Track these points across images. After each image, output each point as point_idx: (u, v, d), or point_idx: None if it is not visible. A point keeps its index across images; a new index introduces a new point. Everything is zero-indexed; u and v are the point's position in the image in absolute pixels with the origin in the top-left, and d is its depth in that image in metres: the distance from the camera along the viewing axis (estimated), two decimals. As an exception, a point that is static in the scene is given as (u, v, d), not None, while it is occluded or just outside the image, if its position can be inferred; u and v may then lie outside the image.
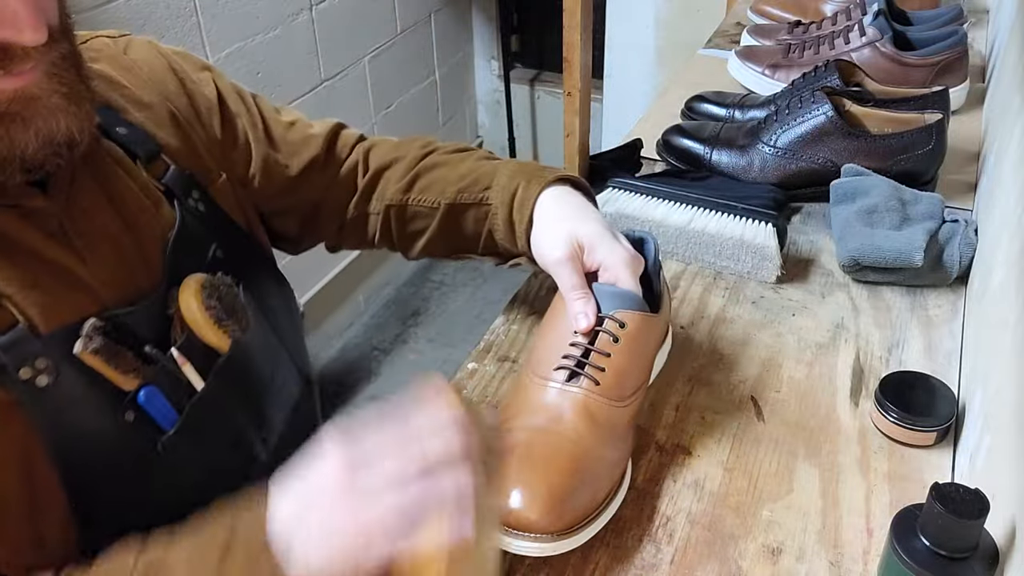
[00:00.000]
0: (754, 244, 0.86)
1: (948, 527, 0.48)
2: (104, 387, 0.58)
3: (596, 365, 0.64)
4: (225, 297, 0.66)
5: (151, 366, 0.61)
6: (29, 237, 0.57)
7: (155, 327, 0.63)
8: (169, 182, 0.67)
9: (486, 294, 2.53)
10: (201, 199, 0.69)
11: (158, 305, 0.63)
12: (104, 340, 0.57)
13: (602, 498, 0.61)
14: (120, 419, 0.59)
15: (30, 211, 0.57)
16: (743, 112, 1.11)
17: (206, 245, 0.68)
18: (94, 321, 0.57)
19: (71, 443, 0.57)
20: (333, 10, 2.04)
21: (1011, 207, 0.75)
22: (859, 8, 1.23)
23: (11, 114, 0.51)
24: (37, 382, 0.54)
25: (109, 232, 0.62)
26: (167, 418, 0.62)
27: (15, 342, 0.54)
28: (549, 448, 0.60)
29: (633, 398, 0.66)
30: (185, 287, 0.63)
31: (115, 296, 0.60)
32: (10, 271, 0.55)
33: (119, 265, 0.62)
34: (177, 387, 0.63)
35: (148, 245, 0.64)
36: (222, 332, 0.65)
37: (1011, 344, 0.60)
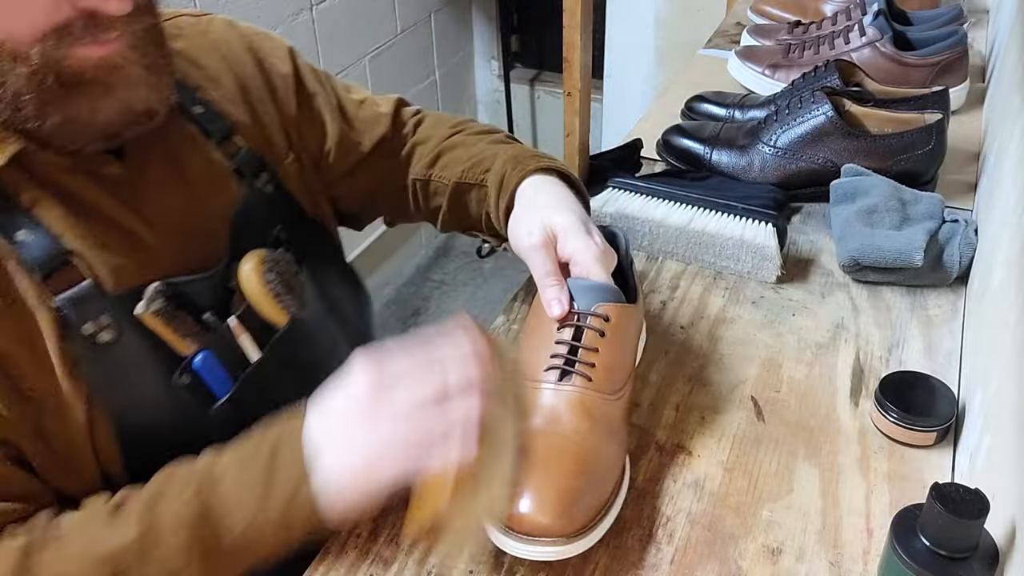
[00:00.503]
0: (754, 244, 0.86)
1: (948, 527, 0.48)
2: (162, 350, 0.61)
3: (586, 361, 0.64)
4: (284, 273, 0.68)
5: (209, 333, 0.63)
6: (103, 201, 0.60)
7: (215, 297, 0.65)
8: (239, 162, 0.69)
9: (486, 294, 2.53)
10: (269, 181, 0.72)
11: (219, 277, 0.66)
12: (165, 303, 0.60)
13: (608, 495, 0.61)
14: (175, 382, 0.62)
15: (105, 177, 0.60)
16: (743, 112, 1.11)
17: (270, 226, 0.71)
18: (157, 285, 0.60)
19: (126, 401, 0.60)
20: (333, 10, 2.04)
21: (1011, 207, 0.75)
22: (859, 8, 1.23)
23: (95, 81, 0.54)
24: (99, 338, 0.57)
25: (177, 205, 0.65)
26: (221, 385, 0.64)
27: (82, 298, 0.57)
28: (552, 450, 0.60)
29: (624, 390, 0.66)
30: (246, 260, 0.66)
31: (178, 265, 0.63)
32: (83, 231, 0.58)
33: (184, 237, 0.64)
34: (232, 356, 0.65)
35: (213, 221, 0.67)
36: (279, 307, 0.67)
37: (1011, 344, 0.60)
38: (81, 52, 0.52)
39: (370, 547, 0.62)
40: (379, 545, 0.62)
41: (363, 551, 0.62)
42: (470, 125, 0.86)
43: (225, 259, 0.66)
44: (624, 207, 0.93)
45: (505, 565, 0.60)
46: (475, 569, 0.60)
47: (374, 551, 0.62)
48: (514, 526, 0.57)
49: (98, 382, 0.58)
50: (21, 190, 0.57)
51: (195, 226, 0.66)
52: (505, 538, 0.57)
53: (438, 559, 0.61)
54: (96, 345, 0.57)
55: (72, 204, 0.58)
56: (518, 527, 0.57)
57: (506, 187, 0.74)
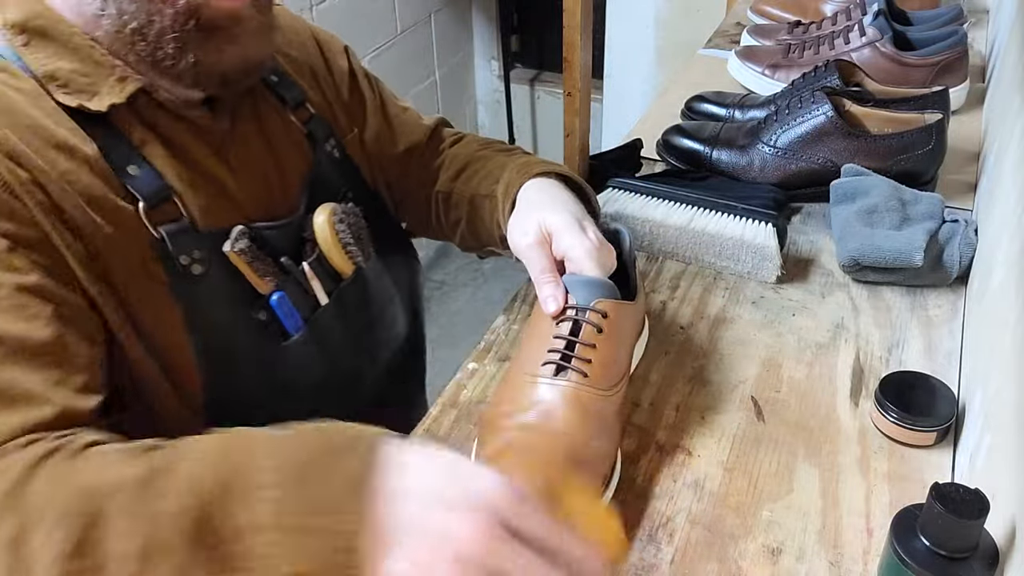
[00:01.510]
0: (754, 244, 0.86)
1: (948, 527, 0.48)
2: (244, 286, 0.67)
3: (583, 357, 0.64)
4: (353, 225, 0.74)
5: (285, 275, 0.69)
6: (198, 148, 0.66)
7: (291, 244, 0.71)
8: (311, 127, 0.76)
9: (486, 294, 2.53)
10: (336, 147, 0.79)
11: (295, 226, 0.72)
12: (249, 243, 0.66)
13: (596, 490, 0.61)
14: (254, 316, 0.68)
15: (200, 126, 0.66)
16: (743, 112, 1.11)
17: (338, 187, 0.77)
18: (241, 227, 0.66)
19: (211, 329, 0.65)
20: (333, 10, 2.04)
21: (1011, 207, 0.75)
22: (859, 8, 1.23)
23: (225, 29, 0.61)
24: (192, 269, 0.63)
25: (259, 160, 0.71)
26: (293, 324, 0.70)
27: (180, 231, 0.63)
28: (544, 443, 0.61)
29: (619, 386, 0.67)
30: (320, 211, 0.72)
31: (259, 212, 0.69)
32: (181, 173, 0.64)
33: (264, 189, 0.71)
34: (304, 298, 0.71)
35: (289, 177, 0.73)
36: (347, 257, 0.73)
37: (1011, 344, 0.60)
38: (217, 2, 0.59)
39: (370, 547, 0.62)
40: (379, 545, 0.62)
41: (363, 551, 0.62)
42: (496, 143, 0.89)
43: (300, 211, 0.72)
44: (624, 207, 0.93)
45: (505, 565, 0.60)
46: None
47: (374, 551, 0.62)
48: None
49: (188, 308, 0.63)
50: (132, 129, 0.62)
51: (274, 179, 0.72)
52: None
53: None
54: (189, 275, 0.63)
55: (173, 147, 0.64)
56: None
57: (508, 193, 0.76)
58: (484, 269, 2.64)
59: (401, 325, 0.85)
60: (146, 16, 0.59)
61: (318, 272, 0.72)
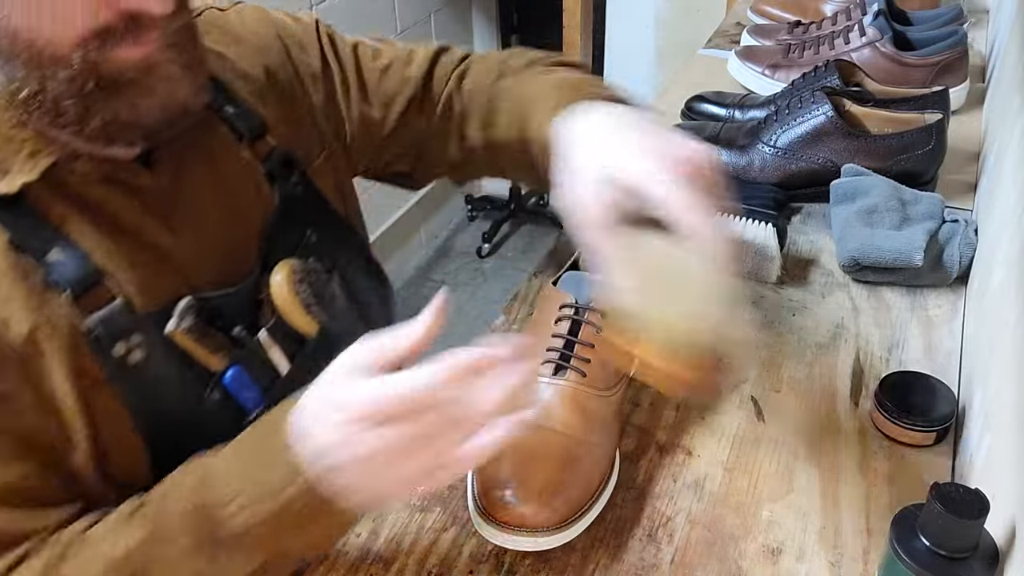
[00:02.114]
0: (754, 244, 0.86)
1: (948, 527, 0.48)
2: (192, 366, 0.60)
3: (581, 357, 0.65)
4: (315, 283, 0.67)
5: (239, 348, 0.62)
6: (132, 215, 0.59)
7: (245, 310, 0.64)
8: (271, 164, 0.68)
9: (486, 294, 2.53)
10: (300, 181, 0.70)
11: (250, 289, 0.64)
12: (195, 321, 0.59)
13: (594, 490, 0.62)
14: (206, 398, 0.61)
15: (136, 188, 0.59)
16: (743, 112, 1.11)
17: (302, 230, 0.70)
18: (188, 301, 0.59)
19: (157, 417, 0.59)
20: (333, 10, 2.04)
21: (1011, 207, 0.75)
22: (859, 8, 1.23)
23: (135, 81, 0.53)
24: (129, 358, 0.57)
25: (210, 213, 0.63)
26: (251, 400, 0.63)
27: (112, 317, 0.56)
28: (541, 443, 0.61)
29: (618, 387, 0.67)
30: (277, 271, 0.65)
31: (209, 278, 0.62)
32: (113, 247, 0.57)
33: (216, 247, 0.63)
34: (263, 369, 0.64)
35: (247, 228, 0.66)
36: (310, 317, 0.66)
37: (1011, 344, 0.60)
38: (121, 54, 0.52)
39: (370, 547, 0.62)
40: (379, 545, 0.62)
41: (363, 551, 0.62)
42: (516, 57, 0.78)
43: (256, 269, 0.65)
44: (624, 207, 0.93)
45: (505, 565, 0.60)
46: (475, 569, 0.60)
47: (374, 551, 0.62)
48: (498, 516, 0.58)
49: (131, 403, 0.57)
50: (51, 206, 0.55)
51: (227, 235, 0.64)
52: (488, 527, 0.58)
53: (438, 559, 0.61)
54: (126, 365, 0.57)
55: (102, 219, 0.57)
56: (502, 517, 0.58)
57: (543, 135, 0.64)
58: (484, 269, 2.64)
59: None
60: (37, 82, 0.51)
61: (277, 338, 0.65)
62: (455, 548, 0.62)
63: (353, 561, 0.61)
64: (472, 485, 0.62)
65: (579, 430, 0.62)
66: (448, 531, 0.63)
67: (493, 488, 0.59)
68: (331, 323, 0.67)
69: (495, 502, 0.58)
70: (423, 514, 0.64)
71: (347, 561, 0.61)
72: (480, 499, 0.60)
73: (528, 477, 0.59)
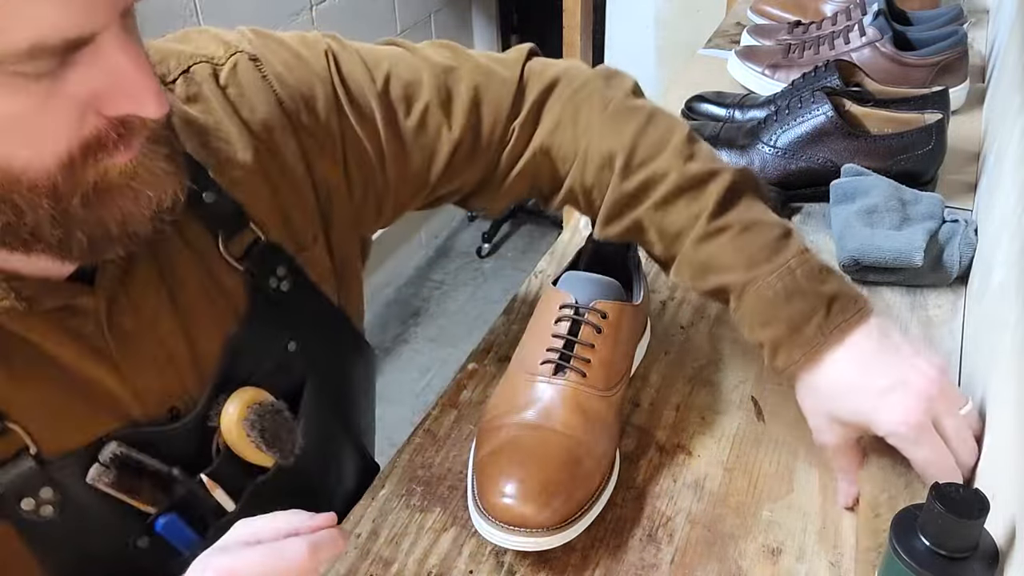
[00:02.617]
0: (754, 244, 0.86)
1: (948, 527, 0.48)
2: (120, 509, 0.54)
3: (581, 357, 0.65)
4: (269, 427, 0.58)
5: (176, 488, 0.56)
6: (57, 347, 0.51)
7: (192, 440, 0.57)
8: (252, 261, 0.59)
9: (486, 294, 2.53)
10: (287, 275, 0.61)
11: (198, 419, 0.57)
12: (118, 473, 0.52)
13: (593, 490, 0.61)
14: (132, 545, 0.55)
15: (74, 313, 0.51)
16: (743, 112, 1.11)
17: (280, 340, 0.61)
18: (114, 446, 0.52)
19: (75, 567, 0.54)
20: (333, 10, 2.04)
21: (1011, 207, 0.75)
22: (859, 8, 1.23)
23: (122, 187, 0.46)
24: (40, 512, 0.50)
25: (161, 333, 0.55)
26: (186, 542, 0.57)
27: (18, 472, 0.49)
28: (540, 442, 0.61)
29: (618, 387, 0.67)
30: (230, 404, 0.57)
31: (148, 410, 0.55)
32: (31, 391, 0.50)
33: (164, 373, 0.55)
34: (204, 508, 0.58)
35: (203, 343, 0.57)
36: (263, 455, 0.59)
37: (1011, 344, 0.60)
38: (109, 162, 0.45)
39: (370, 547, 0.62)
40: (379, 545, 0.62)
41: (363, 551, 0.62)
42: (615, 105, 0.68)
43: (208, 394, 0.57)
44: (624, 207, 0.93)
45: (505, 565, 0.60)
46: (475, 569, 0.60)
47: (374, 551, 0.62)
48: (497, 515, 0.58)
49: (42, 554, 0.52)
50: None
51: (178, 353, 0.56)
52: (488, 526, 0.58)
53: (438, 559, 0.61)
54: (37, 520, 0.50)
55: (16, 356, 0.49)
56: (501, 516, 0.58)
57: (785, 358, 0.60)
58: (484, 269, 2.64)
59: (351, 471, 0.74)
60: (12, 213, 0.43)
61: (222, 479, 0.57)
62: (455, 548, 0.62)
63: (353, 561, 0.61)
64: (472, 484, 0.62)
65: (579, 430, 0.62)
66: (448, 531, 0.63)
67: (493, 488, 0.59)
68: (285, 461, 0.60)
69: (495, 502, 0.58)
70: (423, 514, 0.64)
71: (347, 561, 0.61)
72: (479, 499, 0.60)
73: (528, 477, 0.59)
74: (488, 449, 0.62)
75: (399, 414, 2.01)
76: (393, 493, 0.66)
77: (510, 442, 0.61)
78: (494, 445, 0.62)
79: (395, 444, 0.71)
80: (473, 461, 0.64)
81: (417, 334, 2.36)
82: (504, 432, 0.62)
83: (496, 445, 0.62)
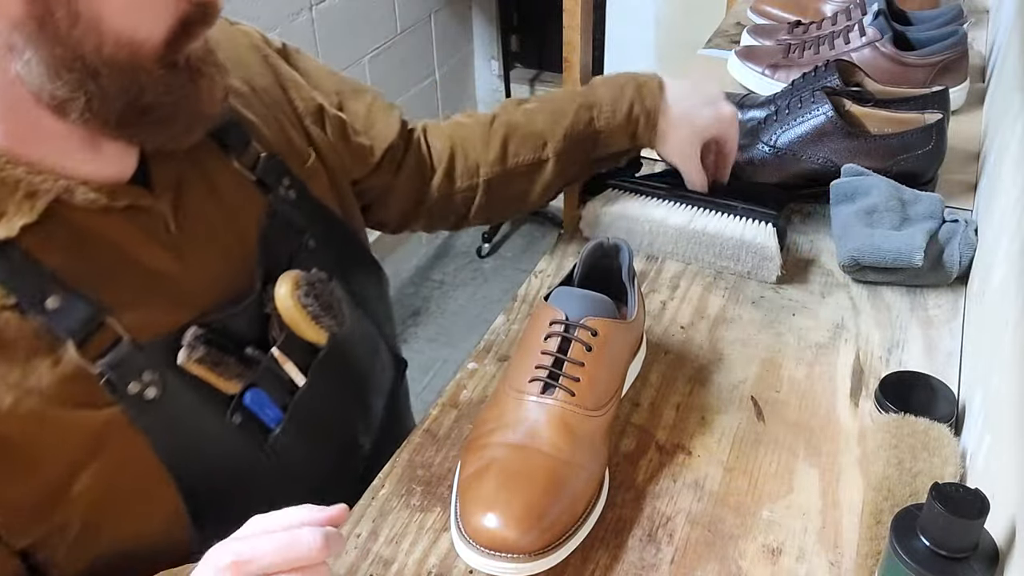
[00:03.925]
0: (754, 244, 0.86)
1: (948, 527, 0.48)
2: (210, 393, 0.59)
3: (570, 375, 0.63)
4: (321, 294, 0.66)
5: (254, 368, 0.62)
6: (134, 244, 0.57)
7: (254, 326, 0.64)
8: (260, 172, 0.67)
9: (486, 294, 2.53)
10: (292, 185, 0.69)
11: (255, 304, 0.64)
12: (207, 348, 0.58)
13: (580, 511, 0.60)
14: (228, 422, 0.61)
15: (139, 211, 0.57)
16: (743, 112, 1.10)
17: (299, 235, 0.69)
18: (195, 330, 0.58)
19: (182, 448, 0.58)
20: (333, 10, 2.04)
21: (1011, 207, 0.75)
22: (859, 8, 1.23)
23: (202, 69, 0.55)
24: (146, 395, 0.55)
25: (214, 228, 0.62)
26: (273, 417, 0.64)
27: (121, 359, 0.54)
28: (527, 464, 0.59)
29: (608, 407, 0.65)
30: (281, 285, 0.64)
31: (215, 297, 0.61)
32: (115, 283, 0.55)
33: (219, 266, 0.62)
34: (280, 385, 0.64)
35: (245, 241, 0.65)
36: (319, 328, 0.65)
37: (1011, 344, 0.60)
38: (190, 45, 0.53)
39: (370, 547, 0.62)
40: (379, 545, 0.62)
41: (363, 551, 0.62)
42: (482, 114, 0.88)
43: (258, 283, 0.64)
44: (624, 207, 0.93)
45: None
46: (475, 570, 0.60)
47: (374, 551, 0.62)
48: (479, 540, 0.56)
49: (153, 434, 0.56)
50: (47, 250, 0.52)
51: (229, 252, 0.63)
52: (469, 551, 0.57)
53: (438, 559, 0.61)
54: (144, 401, 0.55)
55: (102, 254, 0.55)
56: (482, 541, 0.56)
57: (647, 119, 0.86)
58: (484, 269, 2.64)
59: (388, 367, 0.80)
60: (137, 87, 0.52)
61: (290, 352, 0.64)
62: (455, 548, 0.62)
63: (353, 561, 0.61)
64: (454, 506, 0.61)
65: (566, 451, 0.60)
66: (448, 531, 0.63)
67: (475, 511, 0.57)
68: (339, 329, 0.67)
69: (477, 525, 0.57)
70: (423, 514, 0.64)
71: (347, 561, 0.61)
72: (461, 521, 0.58)
73: (512, 500, 0.57)
74: (472, 469, 0.60)
75: (399, 414, 2.01)
76: (393, 493, 0.66)
77: (494, 463, 0.59)
78: (478, 465, 0.60)
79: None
80: (457, 481, 0.62)
81: (417, 334, 2.36)
82: (489, 452, 0.61)
83: (480, 465, 0.60)
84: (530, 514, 0.57)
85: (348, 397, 0.72)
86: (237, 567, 0.48)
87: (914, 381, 0.71)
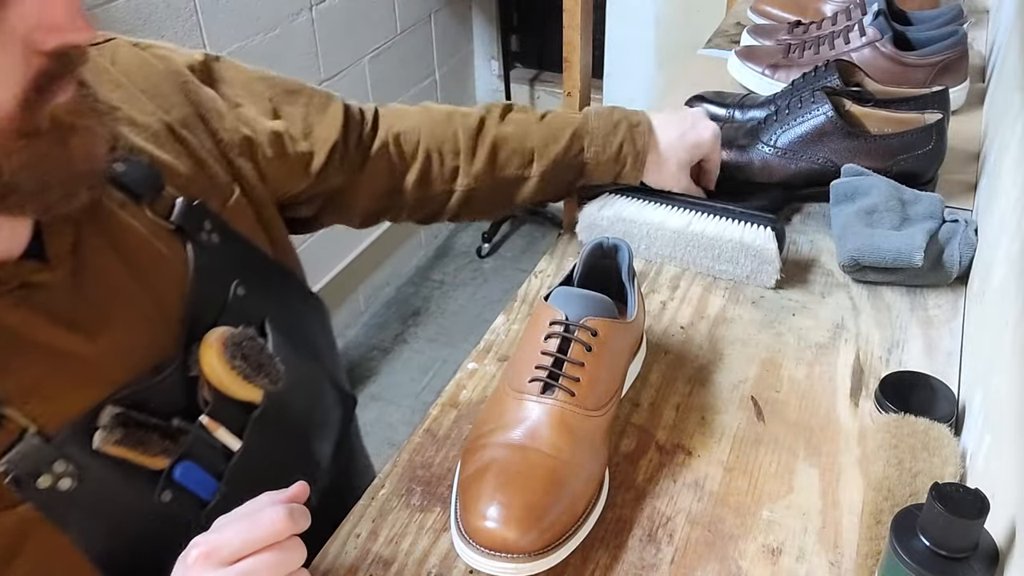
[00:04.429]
0: (753, 247, 0.86)
1: (948, 527, 0.48)
2: (135, 472, 0.55)
3: (570, 375, 0.63)
4: (251, 353, 0.61)
5: (181, 440, 0.57)
6: (30, 327, 0.51)
7: (179, 393, 0.58)
8: (177, 217, 0.60)
9: (486, 294, 2.53)
10: (214, 228, 0.63)
11: (178, 370, 0.58)
12: (124, 430, 0.53)
13: (580, 512, 0.60)
14: (157, 501, 0.57)
15: (33, 289, 0.51)
16: (743, 112, 1.11)
17: (227, 283, 0.63)
18: (111, 409, 0.53)
19: (108, 535, 0.55)
20: (333, 10, 2.04)
21: (1011, 207, 0.75)
22: (859, 8, 1.23)
23: (73, 125, 0.48)
24: (59, 487, 0.51)
25: (124, 293, 0.56)
26: (208, 488, 0.59)
27: (27, 453, 0.50)
28: (527, 465, 0.59)
29: (608, 407, 0.65)
30: (206, 348, 0.59)
31: (131, 370, 0.56)
32: (11, 372, 0.50)
33: (136, 330, 0.57)
34: (212, 453, 0.60)
35: (167, 296, 0.59)
36: (252, 387, 0.61)
37: (1011, 344, 0.60)
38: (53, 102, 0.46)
39: (370, 547, 0.62)
40: (379, 545, 0.62)
41: (363, 551, 0.62)
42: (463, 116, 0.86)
43: (181, 344, 0.59)
44: (622, 210, 0.93)
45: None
46: (475, 570, 0.60)
47: (374, 551, 0.62)
48: (479, 540, 0.56)
49: (72, 527, 0.52)
50: None
51: (147, 313, 0.57)
52: (469, 551, 0.57)
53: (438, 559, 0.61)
54: (58, 494, 0.51)
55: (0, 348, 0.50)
56: (483, 541, 0.56)
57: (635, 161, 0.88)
58: (484, 269, 2.64)
59: (334, 406, 0.76)
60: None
61: (221, 417, 0.60)
62: (455, 548, 0.62)
63: (353, 561, 0.61)
64: (455, 506, 0.61)
65: (566, 452, 0.60)
66: (448, 531, 0.63)
67: (475, 511, 0.57)
68: (274, 387, 0.63)
69: (477, 525, 0.57)
70: (423, 514, 0.64)
71: (347, 561, 0.61)
72: (461, 521, 0.58)
73: (512, 500, 0.57)
74: (472, 469, 0.60)
75: (399, 414, 2.01)
76: (393, 493, 0.66)
77: (494, 463, 0.59)
78: (478, 465, 0.60)
79: (395, 444, 0.71)
80: (457, 481, 0.62)
81: (417, 334, 2.36)
82: (488, 452, 0.61)
83: (480, 465, 0.60)
84: (530, 514, 0.57)
85: (290, 452, 0.67)
86: (206, 557, 0.48)
87: (914, 381, 0.71)
